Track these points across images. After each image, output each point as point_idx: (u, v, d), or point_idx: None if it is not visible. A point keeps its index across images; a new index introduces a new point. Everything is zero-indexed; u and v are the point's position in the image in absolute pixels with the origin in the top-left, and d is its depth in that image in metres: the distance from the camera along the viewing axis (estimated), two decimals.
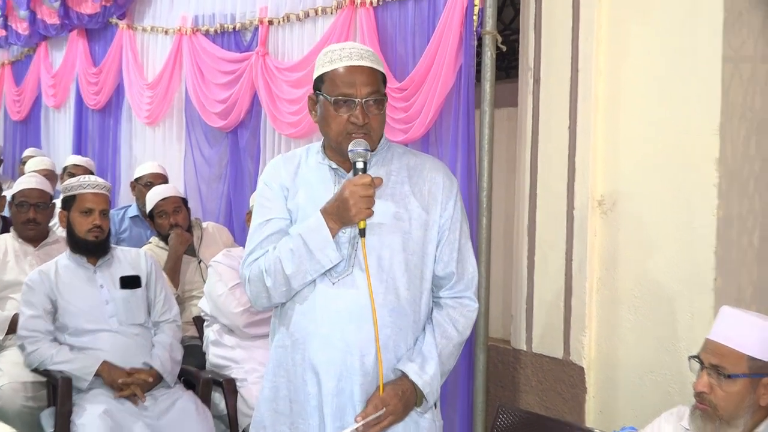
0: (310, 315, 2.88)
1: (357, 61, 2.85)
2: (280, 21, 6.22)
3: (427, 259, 2.93)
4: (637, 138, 4.14)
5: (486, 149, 4.59)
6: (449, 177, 3.01)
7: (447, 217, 2.95)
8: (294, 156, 3.06)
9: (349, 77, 2.84)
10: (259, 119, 6.44)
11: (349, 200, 2.74)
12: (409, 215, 2.90)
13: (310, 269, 2.82)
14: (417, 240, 2.90)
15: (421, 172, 2.97)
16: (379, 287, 2.83)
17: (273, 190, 2.98)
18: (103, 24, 8.35)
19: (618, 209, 4.22)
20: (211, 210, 6.91)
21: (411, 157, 3.02)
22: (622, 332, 4.21)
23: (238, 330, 4.81)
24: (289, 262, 2.82)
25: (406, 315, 2.88)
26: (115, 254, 4.76)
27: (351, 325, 2.83)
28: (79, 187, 4.66)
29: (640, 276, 4.12)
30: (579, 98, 4.37)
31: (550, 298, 4.54)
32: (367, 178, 2.76)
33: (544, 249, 4.59)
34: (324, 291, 2.86)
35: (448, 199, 2.96)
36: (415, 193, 2.93)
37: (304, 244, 2.80)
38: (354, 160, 2.81)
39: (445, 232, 2.95)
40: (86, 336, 4.52)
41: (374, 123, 2.86)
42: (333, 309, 2.85)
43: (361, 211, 2.75)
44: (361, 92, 2.83)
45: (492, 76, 4.58)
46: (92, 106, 8.58)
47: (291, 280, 2.83)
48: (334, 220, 2.79)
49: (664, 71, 4.01)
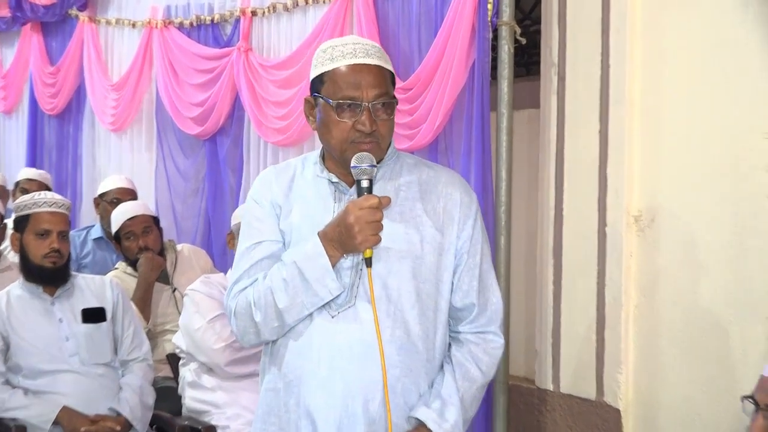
0: (305, 353, 2.85)
1: (362, 58, 2.83)
2: (265, 12, 6.24)
3: (443, 287, 2.90)
4: (678, 144, 4.14)
5: (504, 158, 4.60)
6: (468, 192, 2.99)
7: (465, 239, 2.92)
8: (288, 168, 3.04)
9: (353, 77, 2.81)
10: (242, 125, 6.46)
11: (354, 227, 2.71)
12: (421, 237, 2.87)
13: (307, 302, 2.79)
14: (430, 266, 2.87)
15: (435, 186, 2.94)
16: (386, 321, 2.81)
17: (263, 208, 2.96)
18: (61, 16, 8.37)
19: (657, 226, 4.22)
20: (187, 230, 6.91)
21: (424, 170, 2.99)
22: (663, 369, 4.20)
23: (219, 369, 4.79)
24: (281, 293, 2.79)
25: (417, 353, 2.85)
26: (76, 283, 4.74)
27: (353, 365, 2.80)
28: (34, 205, 4.64)
29: (684, 303, 4.12)
30: (611, 99, 4.38)
31: (579, 329, 4.54)
32: (374, 200, 2.73)
33: (572, 273, 4.59)
34: (322, 326, 2.83)
35: (467, 218, 2.93)
36: (428, 212, 2.90)
37: (299, 273, 2.78)
38: (358, 177, 2.78)
39: (464, 256, 2.92)
40: (43, 378, 4.50)
41: (383, 130, 2.84)
42: (332, 346, 2.82)
43: (367, 239, 2.72)
44: (368, 95, 2.80)
45: (510, 73, 4.59)
46: (49, 110, 8.59)
47: (284, 315, 2.81)
48: (335, 248, 2.77)
49: (710, 67, 4.01)
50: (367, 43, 2.89)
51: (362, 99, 2.80)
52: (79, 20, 8.14)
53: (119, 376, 4.70)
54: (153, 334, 5.51)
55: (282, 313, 2.80)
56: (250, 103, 6.20)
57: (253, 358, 4.58)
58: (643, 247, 4.27)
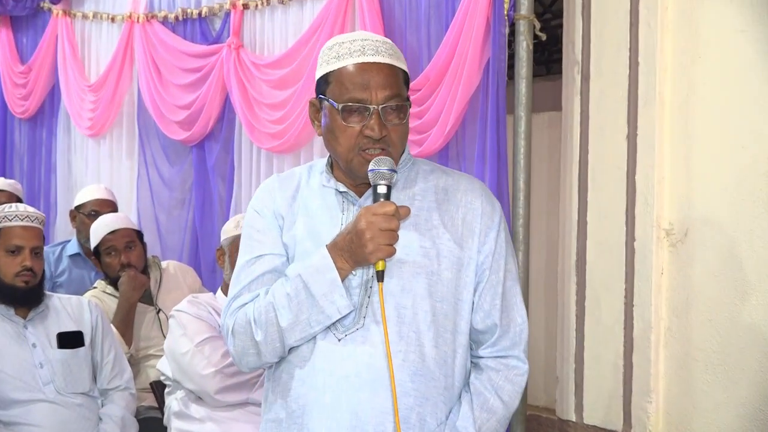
0: (309, 380, 2.84)
1: (372, 56, 2.82)
2: (258, 5, 6.28)
3: (462, 307, 2.88)
4: (714, 149, 4.15)
5: (521, 165, 4.61)
6: (490, 201, 2.96)
7: (487, 253, 2.90)
8: (292, 176, 3.04)
9: (361, 77, 2.80)
10: (232, 130, 6.48)
11: (366, 233, 2.69)
12: (437, 251, 2.85)
13: (312, 320, 2.78)
14: (448, 283, 2.85)
15: (453, 195, 2.93)
16: (399, 344, 2.80)
17: (265, 219, 2.96)
18: (33, 10, 8.42)
19: (691, 240, 4.23)
20: (172, 246, 6.93)
21: (441, 177, 2.98)
22: (697, 397, 4.21)
23: (209, 397, 4.80)
24: (285, 310, 2.78)
25: (433, 380, 2.84)
26: (50, 304, 4.76)
27: (362, 393, 2.79)
28: (4, 218, 4.65)
29: (720, 325, 4.12)
30: (640, 100, 4.39)
31: (605, 354, 4.55)
32: (391, 206, 2.70)
33: (597, 291, 4.60)
34: (328, 349, 2.82)
35: (489, 229, 2.91)
36: (446, 223, 2.88)
37: (304, 287, 2.77)
38: (375, 182, 2.76)
39: (485, 272, 2.90)
40: (15, 408, 4.51)
41: (394, 136, 2.83)
42: (339, 373, 2.81)
43: (380, 249, 2.70)
44: (378, 97, 2.79)
45: (528, 72, 4.61)
46: (19, 114, 8.62)
47: (286, 334, 2.80)
48: (345, 259, 2.75)
49: (749, 64, 4.02)
50: (377, 40, 2.87)
51: (371, 101, 2.79)
52: (53, 14, 8.18)
53: (99, 407, 4.72)
54: (135, 359, 5.52)
55: (284, 333, 2.79)
56: (241, 106, 6.22)
57: (246, 385, 4.59)
58: (676, 263, 4.28)
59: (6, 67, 8.74)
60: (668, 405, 4.33)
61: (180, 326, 4.87)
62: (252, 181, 6.34)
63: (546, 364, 5.36)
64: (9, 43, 8.77)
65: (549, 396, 5.16)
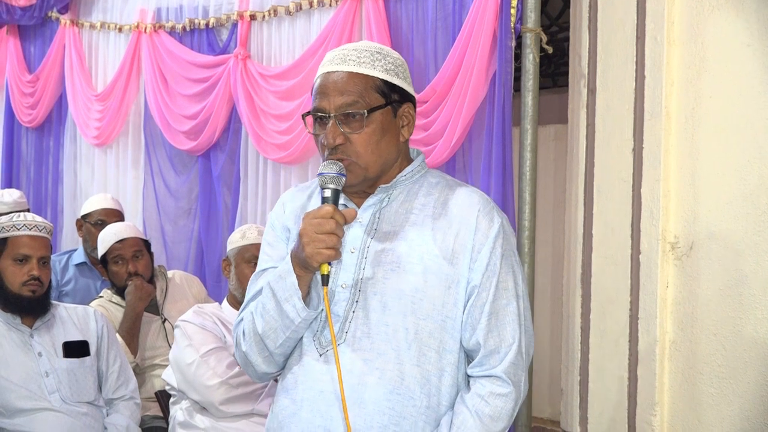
0: (291, 394, 2.88)
1: (337, 65, 2.85)
2: (265, 16, 6.29)
3: (450, 325, 2.84)
4: (720, 163, 4.14)
5: (527, 177, 4.62)
6: (488, 217, 2.89)
7: (478, 270, 2.84)
8: (307, 188, 3.08)
9: (322, 85, 2.85)
10: (239, 140, 6.49)
11: (303, 237, 2.70)
12: (424, 267, 2.82)
13: (281, 326, 2.81)
14: (433, 301, 2.82)
15: (450, 210, 2.89)
16: (376, 362, 2.78)
17: (275, 232, 3.01)
18: (40, 19, 8.42)
19: (696, 254, 4.23)
20: (178, 255, 6.94)
21: (444, 191, 2.94)
22: (702, 410, 4.21)
23: (214, 408, 4.80)
24: (259, 318, 2.84)
25: (412, 398, 2.80)
26: (57, 313, 4.76)
27: (335, 410, 2.80)
28: (12, 228, 4.65)
29: (726, 338, 4.12)
30: (646, 113, 4.38)
31: (610, 366, 4.55)
32: (327, 209, 2.70)
33: (602, 304, 4.60)
34: (309, 365, 2.85)
35: (482, 245, 2.84)
36: (437, 240, 2.84)
37: (272, 294, 2.81)
38: (322, 185, 2.76)
39: (475, 289, 2.84)
40: (21, 417, 4.51)
41: (358, 146, 2.82)
42: (317, 387, 2.83)
43: (318, 252, 2.69)
44: (333, 103, 2.81)
45: (535, 84, 4.63)
46: (26, 123, 8.63)
47: (265, 341, 2.85)
48: (296, 264, 2.76)
49: (756, 78, 4.02)
50: (355, 49, 2.87)
51: (327, 109, 2.81)
52: (60, 23, 8.19)
53: (104, 416, 4.72)
54: (141, 369, 5.53)
55: (262, 339, 2.84)
56: (248, 116, 6.23)
57: (251, 397, 4.60)
58: (681, 277, 4.28)
59: (14, 76, 8.75)
60: (673, 418, 4.33)
61: (185, 337, 4.86)
62: (258, 191, 6.35)
63: (551, 376, 5.37)
64: (17, 52, 8.78)
65: (554, 408, 5.17)
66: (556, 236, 5.35)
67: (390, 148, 2.89)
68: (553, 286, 5.52)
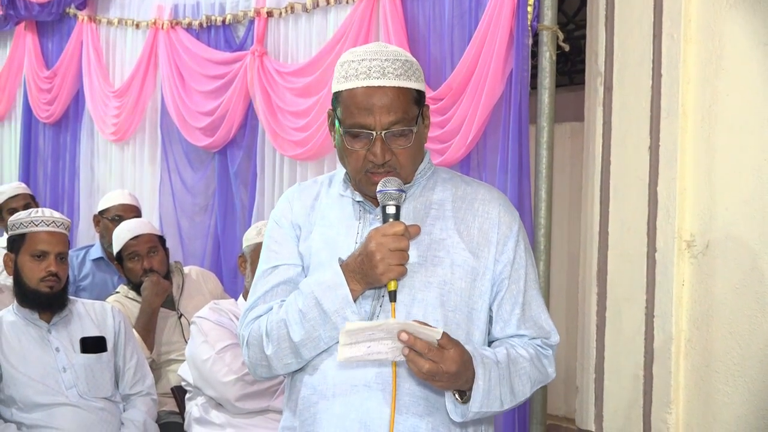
0: (320, 390, 2.86)
1: (377, 80, 2.79)
2: (282, 12, 6.29)
3: (476, 317, 2.88)
4: (736, 161, 4.14)
5: (543, 175, 4.62)
6: (508, 210, 2.96)
7: (505, 263, 2.89)
8: (313, 185, 3.06)
9: (365, 101, 2.78)
10: (255, 137, 6.49)
11: (376, 254, 2.69)
12: (451, 260, 2.85)
13: (324, 336, 2.79)
14: (461, 293, 2.85)
15: (470, 204, 2.93)
16: None
17: (282, 229, 2.98)
18: (58, 15, 8.46)
19: (712, 252, 4.22)
20: (194, 251, 6.95)
21: (460, 186, 2.98)
22: (717, 408, 4.20)
23: (229, 404, 4.81)
24: (297, 326, 2.79)
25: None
26: (74, 309, 4.78)
27: (371, 402, 2.81)
28: (30, 224, 4.66)
29: (741, 337, 4.11)
30: (662, 111, 4.38)
31: (625, 364, 4.55)
32: (400, 227, 2.71)
33: (618, 302, 4.60)
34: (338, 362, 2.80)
35: (506, 238, 2.91)
36: (461, 232, 2.88)
37: (317, 304, 2.77)
38: (383, 203, 2.77)
39: (504, 282, 2.89)
40: (38, 411, 4.53)
41: (402, 158, 2.82)
42: (349, 382, 2.83)
43: (390, 269, 2.70)
44: (381, 122, 2.77)
45: (551, 82, 4.62)
46: (44, 118, 8.66)
47: (300, 349, 2.81)
48: (357, 280, 2.75)
49: None
50: (387, 59, 2.82)
51: (374, 127, 2.77)
52: (78, 19, 8.22)
53: (120, 411, 4.74)
54: (157, 364, 5.54)
55: (298, 348, 2.81)
56: (264, 113, 6.23)
57: (266, 393, 4.61)
58: (697, 275, 4.27)
59: (31, 72, 8.78)
60: (688, 416, 4.32)
61: (201, 333, 4.87)
62: (274, 188, 6.35)
63: (566, 374, 5.36)
64: (35, 48, 8.81)
65: (569, 406, 5.16)
66: (572, 234, 5.34)
67: (422, 152, 2.93)
68: (568, 284, 5.52)
